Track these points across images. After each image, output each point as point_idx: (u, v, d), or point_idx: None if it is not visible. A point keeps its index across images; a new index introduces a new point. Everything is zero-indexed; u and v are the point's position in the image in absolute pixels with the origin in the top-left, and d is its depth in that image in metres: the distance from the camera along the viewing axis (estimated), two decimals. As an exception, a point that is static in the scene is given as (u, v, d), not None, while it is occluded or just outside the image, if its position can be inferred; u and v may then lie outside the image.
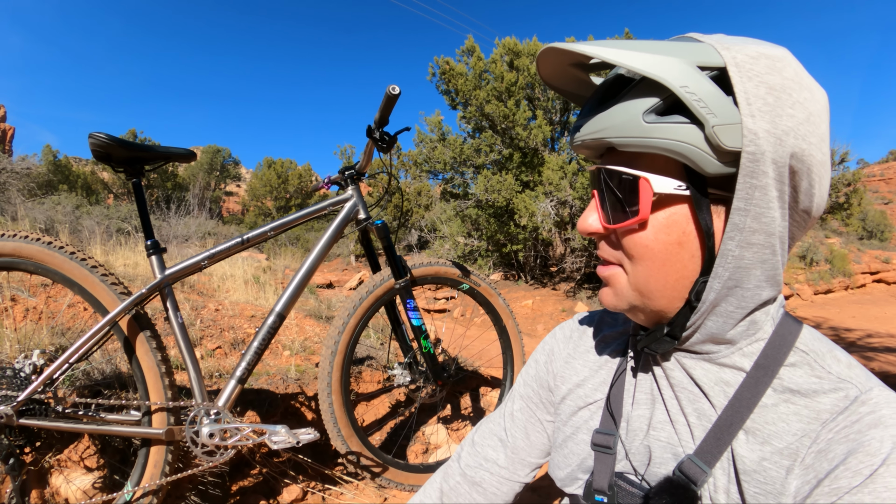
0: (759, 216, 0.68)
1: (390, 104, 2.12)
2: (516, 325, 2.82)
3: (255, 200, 37.65)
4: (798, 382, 0.73)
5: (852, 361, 0.74)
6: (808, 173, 0.69)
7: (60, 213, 13.78)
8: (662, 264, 0.76)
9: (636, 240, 0.76)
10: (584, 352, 1.06)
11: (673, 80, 0.66)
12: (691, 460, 0.75)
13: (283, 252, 15.03)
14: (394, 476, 2.43)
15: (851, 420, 0.67)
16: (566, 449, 0.99)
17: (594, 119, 0.75)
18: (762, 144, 0.65)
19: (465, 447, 1.18)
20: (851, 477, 0.63)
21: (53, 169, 30.70)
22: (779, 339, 0.76)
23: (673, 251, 0.75)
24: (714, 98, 0.66)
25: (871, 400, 0.67)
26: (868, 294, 15.95)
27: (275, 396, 2.71)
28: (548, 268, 13.72)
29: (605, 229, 0.81)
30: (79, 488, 2.03)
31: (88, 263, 1.90)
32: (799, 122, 0.66)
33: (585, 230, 0.82)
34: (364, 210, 2.33)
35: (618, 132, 0.72)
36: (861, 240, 24.49)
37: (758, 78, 0.65)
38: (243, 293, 5.30)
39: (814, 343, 0.77)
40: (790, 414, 0.71)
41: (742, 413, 0.74)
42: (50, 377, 1.81)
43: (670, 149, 0.69)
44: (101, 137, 1.87)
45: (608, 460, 0.88)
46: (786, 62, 0.67)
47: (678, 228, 0.74)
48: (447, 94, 13.05)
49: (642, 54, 0.68)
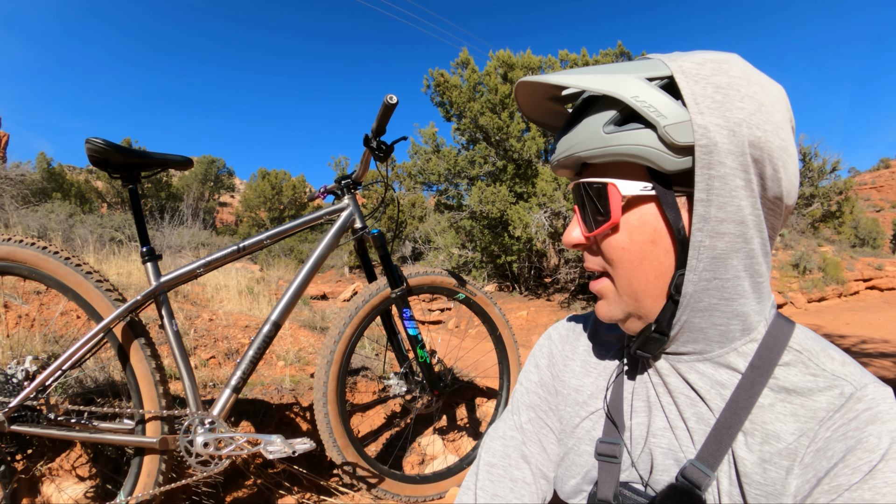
0: (724, 205, 0.71)
1: (388, 113, 2.12)
2: (512, 335, 2.81)
3: (248, 211, 37.62)
4: (793, 381, 0.74)
5: (846, 359, 0.75)
6: (770, 159, 0.71)
7: (54, 220, 13.72)
8: (640, 263, 0.79)
9: (613, 243, 0.80)
10: (582, 353, 1.03)
11: (624, 93, 0.71)
12: (694, 465, 0.76)
13: (276, 263, 15.01)
14: (390, 487, 2.40)
15: (848, 417, 0.67)
16: (569, 461, 0.96)
17: (564, 139, 0.81)
18: (714, 136, 0.69)
19: (482, 476, 1.00)
20: (851, 474, 0.63)
21: (47, 176, 30.60)
22: (772, 340, 0.77)
23: (647, 249, 0.78)
24: (663, 103, 0.70)
25: (867, 396, 0.68)
26: (862, 301, 16.02)
27: (269, 407, 2.68)
28: (542, 279, 13.74)
29: (587, 239, 0.85)
30: (70, 497, 2.01)
31: (83, 269, 1.88)
32: (750, 113, 0.70)
33: (570, 243, 0.86)
34: (360, 219, 2.32)
35: (584, 146, 0.77)
36: (854, 247, 24.64)
37: (704, 80, 0.70)
38: (237, 304, 5.28)
39: (807, 342, 0.77)
40: (787, 414, 0.72)
41: (740, 414, 0.74)
42: (42, 384, 1.79)
43: (630, 153, 0.73)
44: (98, 143, 1.86)
45: (613, 470, 0.87)
46: (732, 63, 0.72)
47: (649, 227, 0.77)
48: (442, 106, 13.12)
49: (598, 76, 0.74)
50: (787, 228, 18.55)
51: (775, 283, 14.43)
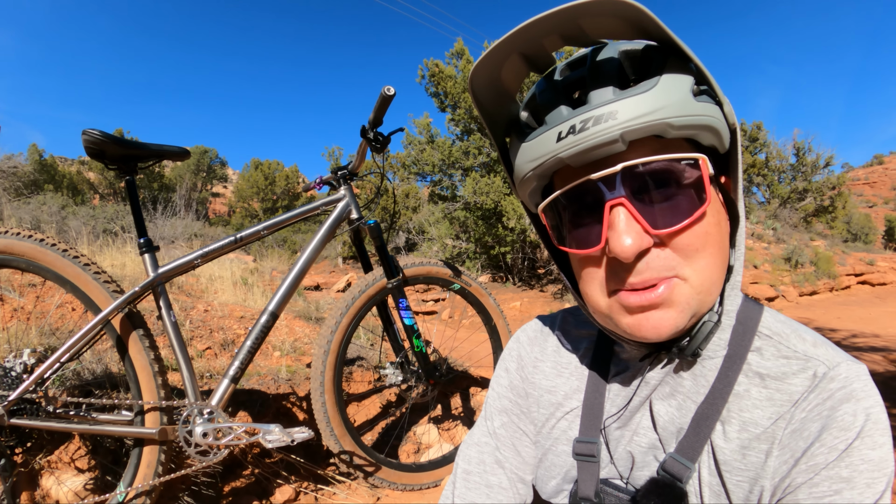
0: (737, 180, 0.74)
1: (385, 104, 2.12)
2: (507, 325, 2.83)
3: (241, 202, 37.41)
4: (766, 366, 0.73)
5: (818, 339, 0.74)
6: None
7: (46, 213, 13.64)
8: (720, 248, 0.71)
9: (696, 231, 0.68)
10: (552, 353, 1.00)
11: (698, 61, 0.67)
12: (674, 458, 0.75)
13: (270, 254, 14.95)
14: (386, 475, 2.43)
15: (823, 397, 0.67)
16: (547, 461, 0.93)
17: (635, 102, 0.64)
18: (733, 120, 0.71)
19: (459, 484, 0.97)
20: (827, 453, 0.64)
21: (39, 168, 30.30)
22: (741, 327, 0.77)
23: (723, 231, 0.73)
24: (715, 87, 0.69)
25: (839, 375, 0.68)
26: (853, 295, 16.08)
27: (266, 397, 2.70)
28: (535, 270, 13.75)
29: (658, 237, 0.68)
30: (70, 489, 2.02)
31: (81, 261, 1.88)
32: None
33: (632, 253, 0.66)
34: (356, 210, 2.33)
35: (678, 110, 0.64)
36: (846, 242, 24.75)
37: None
38: (231, 294, 5.27)
39: (777, 325, 0.77)
40: (763, 399, 0.72)
41: (717, 404, 0.74)
42: (41, 376, 1.80)
43: (711, 125, 0.67)
44: (95, 134, 1.86)
45: (592, 468, 0.85)
46: None
47: (716, 206, 0.72)
48: (436, 97, 13.08)
49: None
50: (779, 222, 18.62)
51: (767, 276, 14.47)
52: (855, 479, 0.62)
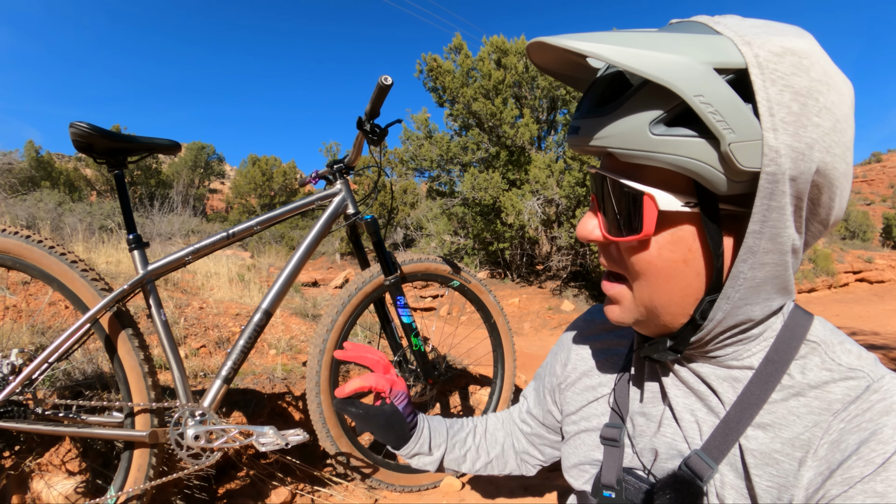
0: (775, 237, 0.63)
1: (382, 95, 2.07)
2: (506, 322, 2.79)
3: (239, 198, 37.42)
4: (808, 376, 0.71)
5: (863, 352, 0.72)
6: (829, 186, 0.63)
7: (42, 209, 13.58)
8: (667, 281, 0.72)
9: (639, 256, 0.71)
10: (592, 339, 1.05)
11: (686, 88, 0.57)
12: (698, 455, 0.74)
13: (267, 250, 14.94)
14: (384, 477, 2.38)
15: (863, 409, 0.65)
16: (578, 440, 0.99)
17: (595, 123, 0.67)
18: (783, 163, 0.58)
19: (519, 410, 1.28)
20: (864, 466, 0.61)
21: (36, 165, 30.27)
22: (788, 334, 0.74)
23: (678, 269, 0.70)
24: (733, 109, 0.58)
25: (882, 388, 0.66)
26: (851, 293, 16.16)
27: (261, 396, 2.65)
28: (534, 266, 13.76)
29: (605, 238, 0.75)
30: (60, 493, 1.97)
31: (68, 258, 1.83)
32: (825, 133, 0.59)
33: (585, 237, 0.77)
34: (353, 205, 2.28)
35: (621, 143, 0.64)
36: (844, 240, 24.83)
37: (782, 81, 0.57)
38: (228, 291, 5.24)
39: (825, 334, 0.74)
40: (801, 406, 0.70)
41: (751, 409, 0.72)
42: (29, 377, 1.74)
43: (679, 165, 0.62)
44: (83, 127, 1.81)
45: (616, 454, 0.87)
46: (813, 58, 0.59)
47: (683, 246, 0.69)
48: (434, 92, 13.07)
49: (649, 53, 0.59)
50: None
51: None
52: (890, 494, 0.58)
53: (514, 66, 12.00)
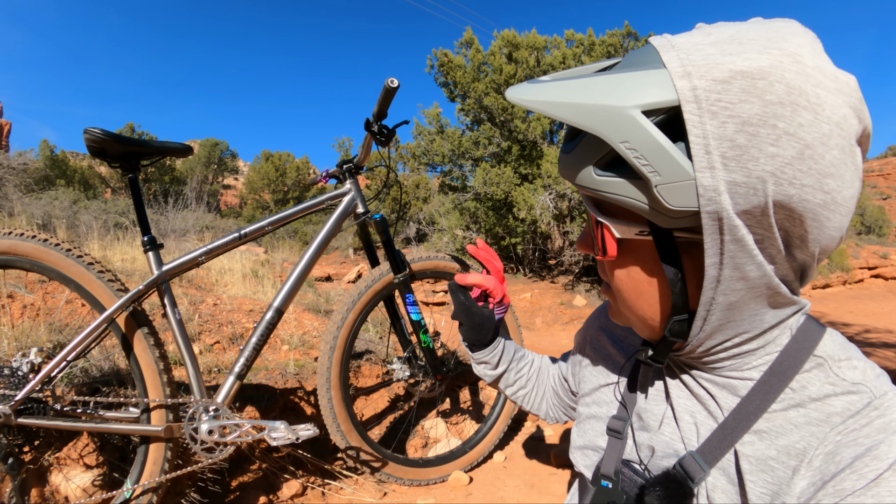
0: (740, 266, 0.62)
1: (389, 97, 2.10)
2: (515, 318, 2.81)
3: (252, 193, 37.62)
4: (810, 389, 0.70)
5: (869, 369, 0.71)
6: (801, 221, 0.60)
7: (58, 208, 13.73)
8: (637, 298, 0.76)
9: (615, 273, 0.77)
10: (613, 326, 1.09)
11: (613, 136, 0.59)
12: (692, 457, 0.75)
13: (281, 245, 15.00)
14: (393, 471, 2.42)
15: (861, 424, 0.65)
16: (587, 424, 1.02)
17: (565, 159, 0.71)
18: (723, 201, 0.56)
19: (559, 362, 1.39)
20: (856, 480, 0.61)
21: (50, 164, 30.62)
22: (796, 346, 0.72)
23: (644, 288, 0.74)
24: (658, 152, 0.58)
25: (883, 405, 0.65)
26: (866, 289, 15.92)
27: (273, 391, 2.70)
28: (546, 261, 13.72)
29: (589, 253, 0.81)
30: (78, 486, 2.03)
31: (85, 260, 1.88)
32: (784, 163, 0.55)
33: (579, 249, 0.82)
34: (362, 204, 2.32)
35: (580, 180, 0.68)
36: (859, 235, 24.47)
37: (726, 112, 0.54)
38: (241, 287, 5.28)
39: (834, 349, 0.73)
40: (799, 416, 0.69)
41: (750, 418, 0.72)
42: (48, 375, 1.80)
43: (620, 203, 0.65)
44: (97, 133, 1.86)
45: (618, 446, 0.90)
46: (774, 77, 0.53)
47: (646, 268, 0.72)
48: (445, 87, 13.03)
49: (582, 103, 0.61)
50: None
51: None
52: None
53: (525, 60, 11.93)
